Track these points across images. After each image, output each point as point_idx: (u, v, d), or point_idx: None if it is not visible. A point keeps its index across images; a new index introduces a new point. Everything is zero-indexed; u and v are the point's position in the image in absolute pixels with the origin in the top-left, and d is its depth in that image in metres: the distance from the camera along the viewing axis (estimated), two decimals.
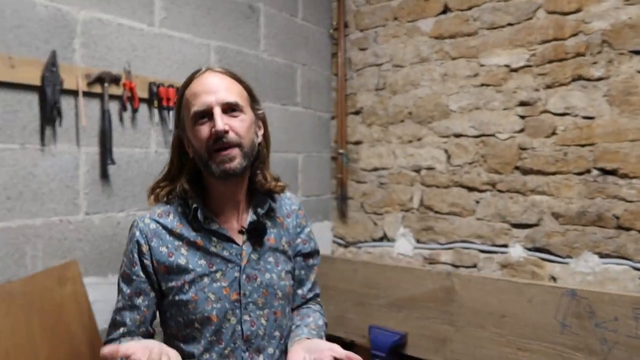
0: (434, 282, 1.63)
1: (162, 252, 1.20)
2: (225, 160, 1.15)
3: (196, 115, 1.16)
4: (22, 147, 1.55)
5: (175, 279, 1.20)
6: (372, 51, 2.70)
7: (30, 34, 1.56)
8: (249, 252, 1.24)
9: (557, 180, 2.11)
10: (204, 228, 1.22)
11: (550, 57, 2.11)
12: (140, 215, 1.25)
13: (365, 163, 2.74)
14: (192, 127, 1.18)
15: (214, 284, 1.20)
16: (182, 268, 1.19)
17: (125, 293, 1.22)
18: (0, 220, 1.51)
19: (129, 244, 1.23)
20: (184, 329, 1.21)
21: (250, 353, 1.22)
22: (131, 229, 1.25)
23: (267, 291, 1.25)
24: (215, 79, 1.19)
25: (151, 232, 1.21)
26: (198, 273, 1.19)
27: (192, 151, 1.21)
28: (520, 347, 1.44)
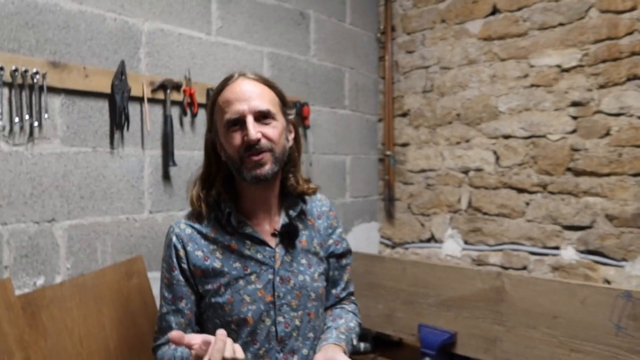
0: (483, 282, 1.64)
1: (198, 256, 1.24)
2: (256, 165, 1.19)
3: (229, 123, 1.19)
4: (94, 150, 1.67)
5: (211, 282, 1.24)
6: (419, 54, 2.72)
7: (101, 46, 1.68)
8: (282, 254, 1.27)
9: (611, 181, 2.07)
10: (237, 232, 1.25)
11: (603, 56, 2.08)
12: (176, 221, 1.30)
13: (412, 165, 2.77)
14: (225, 134, 1.21)
15: (249, 286, 1.23)
16: (218, 271, 1.23)
17: (167, 298, 1.27)
18: (75, 217, 1.63)
19: (166, 250, 1.28)
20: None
21: (285, 354, 1.25)
22: (168, 235, 1.29)
23: (300, 293, 1.27)
24: (248, 86, 1.21)
25: (187, 237, 1.25)
26: (233, 276, 1.23)
27: (225, 155, 1.25)
28: (573, 348, 1.44)
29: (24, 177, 1.51)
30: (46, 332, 1.50)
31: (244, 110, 1.18)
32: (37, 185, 1.54)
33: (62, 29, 1.58)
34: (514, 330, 1.57)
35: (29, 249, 1.53)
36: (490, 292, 1.63)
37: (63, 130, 1.60)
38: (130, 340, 1.69)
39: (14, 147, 1.49)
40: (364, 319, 2.00)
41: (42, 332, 1.49)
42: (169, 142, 1.83)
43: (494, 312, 1.63)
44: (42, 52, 1.54)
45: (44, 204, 1.56)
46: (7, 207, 1.48)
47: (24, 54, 1.50)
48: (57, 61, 1.56)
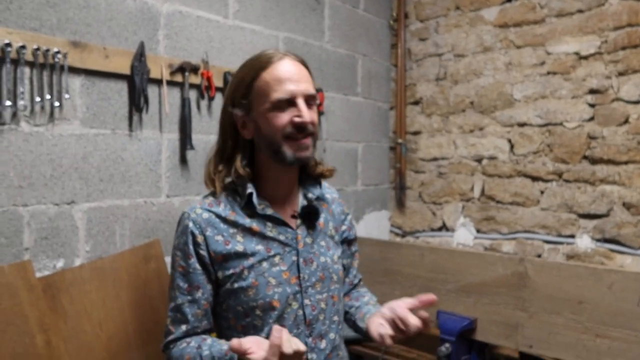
0: (505, 268, 1.63)
1: (218, 241, 1.18)
2: (302, 148, 1.16)
3: (278, 102, 1.14)
4: (113, 132, 1.65)
5: (233, 266, 1.18)
6: (432, 41, 2.70)
7: (120, 26, 1.65)
8: (303, 235, 1.25)
9: (629, 169, 2.07)
10: (257, 214, 1.21)
11: (623, 43, 2.07)
12: (190, 207, 1.23)
13: (424, 153, 2.75)
14: (268, 111, 1.15)
15: (273, 268, 1.19)
16: (241, 254, 1.18)
17: (182, 288, 1.20)
18: (94, 200, 1.61)
19: (181, 237, 1.21)
20: (243, 318, 1.19)
21: (314, 338, 1.22)
22: (181, 222, 1.22)
23: (323, 275, 1.25)
24: (296, 68, 1.18)
25: (205, 222, 1.19)
26: (257, 258, 1.18)
27: (256, 134, 1.19)
28: (599, 333, 1.43)
29: (44, 158, 1.49)
30: (66, 314, 1.48)
31: (295, 91, 1.15)
32: (57, 167, 1.52)
33: (82, 8, 1.55)
34: (537, 316, 1.57)
35: (48, 230, 1.51)
36: (512, 277, 1.62)
37: (83, 112, 1.58)
38: (149, 325, 1.68)
39: (35, 127, 1.47)
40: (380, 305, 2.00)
41: (62, 315, 1.47)
42: (187, 126, 1.81)
43: (516, 298, 1.62)
44: (63, 32, 1.51)
45: (64, 185, 1.54)
46: (27, 188, 1.46)
47: (45, 33, 1.47)
48: (78, 41, 1.53)
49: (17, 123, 1.44)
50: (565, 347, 1.50)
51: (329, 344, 1.25)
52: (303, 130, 1.16)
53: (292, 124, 1.15)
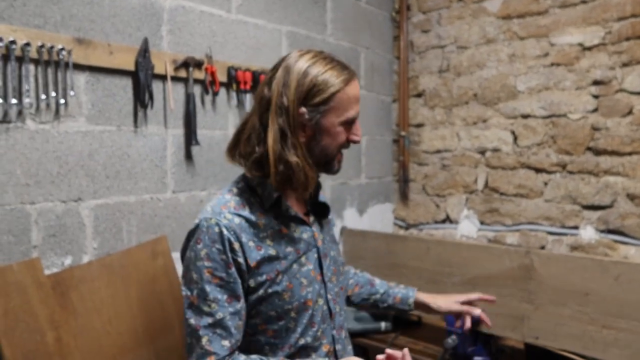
0: (511, 260, 1.64)
1: (251, 247, 1.15)
2: (340, 161, 1.24)
3: (349, 120, 1.18)
4: (118, 128, 1.65)
5: (267, 271, 1.16)
6: (435, 33, 2.69)
7: (124, 22, 1.65)
8: (319, 232, 1.29)
9: (633, 160, 2.07)
10: (282, 215, 1.21)
11: (627, 34, 2.06)
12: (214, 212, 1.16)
13: (427, 145, 2.75)
14: (335, 126, 1.17)
15: (302, 268, 1.20)
16: (273, 258, 1.17)
17: (222, 300, 1.12)
18: (100, 197, 1.62)
19: (212, 246, 1.12)
20: (275, 322, 1.18)
21: (337, 330, 1.28)
22: (210, 228, 1.14)
23: (335, 268, 1.30)
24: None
25: (238, 228, 1.14)
26: (289, 261, 1.19)
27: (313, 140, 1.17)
28: (606, 325, 1.44)
29: (50, 155, 1.49)
30: (76, 311, 1.49)
31: (358, 112, 1.21)
32: (64, 164, 1.52)
33: (86, 4, 1.55)
34: (543, 308, 1.58)
35: (56, 228, 1.52)
36: (518, 270, 1.63)
37: (88, 108, 1.58)
38: (158, 321, 1.69)
39: (41, 125, 1.47)
40: None
41: (72, 312, 1.48)
42: (192, 121, 1.81)
43: (522, 290, 1.63)
44: (67, 29, 1.50)
45: (70, 183, 1.54)
46: (34, 186, 1.46)
47: (49, 30, 1.47)
48: (82, 37, 1.53)
49: (22, 121, 1.43)
50: (571, 339, 1.51)
51: (345, 333, 1.32)
52: (347, 147, 1.23)
53: (348, 141, 1.21)
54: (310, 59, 1.17)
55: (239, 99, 2.00)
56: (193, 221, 1.85)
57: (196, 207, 1.88)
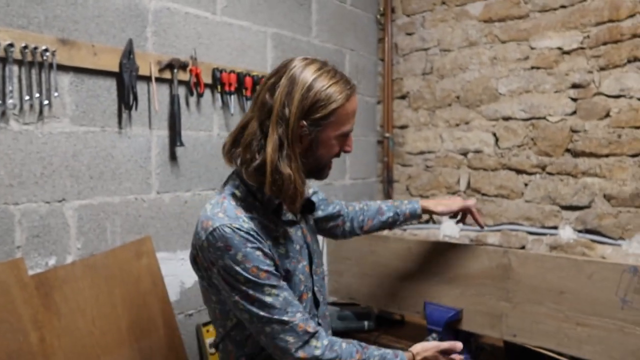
0: (490, 260, 1.68)
1: (272, 248, 1.20)
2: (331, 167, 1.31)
3: (345, 133, 1.23)
4: (102, 129, 1.66)
5: (280, 270, 1.21)
6: (419, 36, 2.73)
7: (108, 23, 1.66)
8: (306, 228, 1.37)
9: (610, 162, 2.12)
10: (281, 219, 1.26)
11: (604, 39, 2.11)
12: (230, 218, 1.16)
13: (411, 147, 2.79)
14: (331, 138, 1.21)
15: (299, 265, 1.27)
16: (283, 257, 1.23)
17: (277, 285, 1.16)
18: (85, 197, 1.62)
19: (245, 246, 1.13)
20: None
21: (322, 319, 1.35)
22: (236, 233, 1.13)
23: (319, 260, 1.40)
24: None
25: (257, 231, 1.17)
26: (292, 259, 1.25)
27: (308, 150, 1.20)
28: (580, 322, 1.48)
29: (34, 156, 1.50)
30: (59, 312, 1.50)
31: (353, 125, 1.27)
32: (48, 165, 1.53)
33: (70, 5, 1.55)
34: (520, 306, 1.61)
35: (40, 229, 1.52)
36: (497, 269, 1.66)
37: (72, 109, 1.58)
38: (141, 321, 1.70)
39: (24, 125, 1.47)
40: (369, 298, 2.04)
41: (55, 312, 1.49)
42: (176, 122, 1.82)
43: (500, 289, 1.66)
44: (50, 29, 1.51)
45: (55, 183, 1.55)
46: (18, 186, 1.47)
47: (33, 30, 1.47)
48: (66, 38, 1.53)
49: (6, 122, 1.44)
50: (547, 336, 1.55)
51: (327, 321, 1.40)
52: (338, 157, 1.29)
53: (339, 152, 1.27)
54: (316, 71, 1.17)
55: (223, 100, 2.02)
56: (178, 221, 1.87)
57: (180, 207, 1.89)
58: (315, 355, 1.16)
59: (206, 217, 1.17)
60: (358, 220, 1.65)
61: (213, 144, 2.00)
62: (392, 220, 1.66)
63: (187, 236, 1.92)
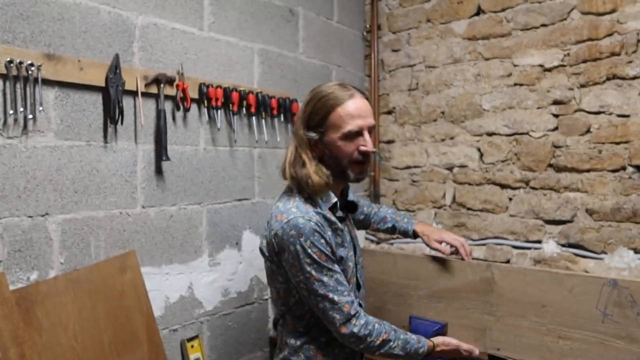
0: (474, 274, 1.69)
1: (331, 238, 1.43)
2: (364, 171, 1.48)
3: (349, 133, 1.40)
4: (87, 144, 1.66)
5: (338, 257, 1.44)
6: (404, 52, 2.77)
7: (95, 39, 1.67)
8: (350, 224, 1.61)
9: (591, 177, 2.16)
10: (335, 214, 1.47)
11: (584, 56, 2.16)
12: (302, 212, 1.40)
13: (397, 161, 2.81)
14: (339, 140, 1.41)
15: (349, 253, 1.50)
16: (340, 246, 1.46)
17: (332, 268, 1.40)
18: (69, 212, 1.62)
19: (313, 235, 1.37)
20: None
21: (361, 299, 1.56)
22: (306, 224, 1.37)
23: (360, 251, 1.62)
24: (364, 104, 1.45)
25: (323, 224, 1.41)
26: (346, 248, 1.49)
27: (325, 154, 1.44)
28: (561, 335, 1.50)
29: (17, 170, 1.49)
30: (41, 327, 1.48)
31: (362, 125, 1.41)
32: (31, 179, 1.52)
33: (56, 20, 1.56)
34: (504, 320, 1.63)
35: (22, 243, 1.51)
36: (480, 283, 1.68)
37: (57, 124, 1.58)
38: (125, 336, 1.69)
39: (8, 139, 1.47)
40: None
41: (36, 328, 1.47)
42: (163, 137, 1.82)
43: (484, 303, 1.68)
44: (36, 44, 1.52)
45: (38, 198, 1.54)
46: (0, 201, 1.46)
47: (18, 45, 1.48)
48: (52, 53, 1.54)
49: None
50: (530, 349, 1.57)
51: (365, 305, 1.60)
52: (367, 157, 1.45)
53: (359, 152, 1.43)
54: (318, 87, 1.47)
55: (210, 115, 2.03)
56: (163, 235, 1.87)
57: (166, 222, 1.89)
58: (353, 331, 1.39)
59: (280, 211, 1.43)
60: (369, 220, 1.90)
61: (199, 158, 2.01)
62: (390, 230, 1.89)
63: (173, 250, 1.91)
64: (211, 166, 2.05)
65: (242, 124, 2.17)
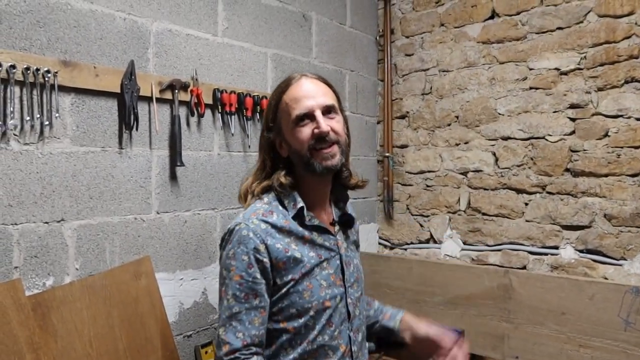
0: (491, 280, 1.67)
1: (279, 249, 1.25)
2: (327, 157, 1.25)
3: (298, 118, 1.25)
4: (102, 150, 1.67)
5: (292, 271, 1.25)
6: (418, 57, 2.75)
7: (110, 45, 1.68)
8: (342, 240, 1.37)
9: (609, 182, 2.12)
10: (305, 224, 1.30)
11: (601, 60, 2.13)
12: (243, 218, 1.26)
13: (411, 166, 2.79)
14: (292, 129, 1.27)
15: (323, 271, 1.30)
16: (298, 260, 1.26)
17: (239, 297, 1.22)
18: (84, 217, 1.62)
19: (238, 247, 1.23)
20: (296, 319, 1.26)
21: (354, 332, 1.35)
22: (236, 232, 1.25)
23: (358, 275, 1.40)
24: (312, 84, 1.30)
25: (263, 232, 1.24)
26: (311, 263, 1.28)
27: (289, 151, 1.30)
28: (582, 344, 1.47)
29: (34, 176, 1.50)
30: (56, 333, 1.48)
31: (312, 105, 1.25)
32: (47, 185, 1.53)
33: (72, 27, 1.57)
34: (522, 327, 1.60)
35: (38, 249, 1.52)
36: (497, 289, 1.65)
37: (73, 130, 1.59)
38: (139, 342, 1.68)
39: (25, 146, 1.48)
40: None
41: (52, 334, 1.47)
42: (177, 142, 1.83)
43: (502, 310, 1.65)
44: (53, 51, 1.53)
45: (54, 203, 1.55)
46: (17, 207, 1.47)
47: (35, 52, 1.49)
48: (68, 60, 1.55)
49: (6, 142, 1.44)
50: (549, 358, 1.54)
51: (362, 336, 1.39)
52: (324, 140, 1.25)
53: (313, 136, 1.25)
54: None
55: (224, 120, 2.03)
56: (177, 241, 1.87)
57: (180, 227, 1.89)
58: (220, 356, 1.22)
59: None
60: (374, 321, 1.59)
61: (213, 163, 2.01)
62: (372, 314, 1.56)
63: (187, 256, 1.91)
64: (225, 171, 2.05)
65: (256, 129, 2.17)
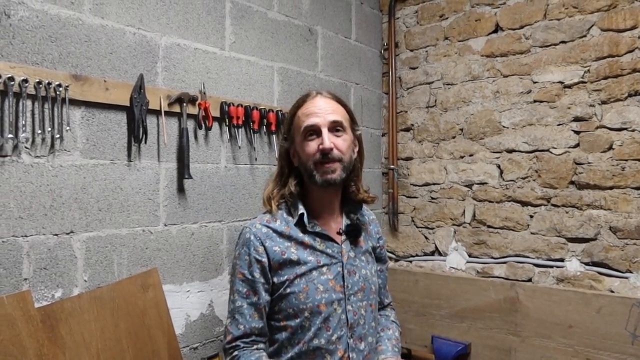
0: (497, 293, 1.67)
1: (276, 251, 1.37)
2: (327, 171, 1.36)
3: (306, 131, 1.37)
4: (112, 162, 1.68)
5: (288, 272, 1.36)
6: (422, 70, 2.78)
7: (120, 59, 1.70)
8: (347, 250, 1.43)
9: (614, 194, 2.13)
10: (308, 230, 1.39)
11: (605, 73, 2.15)
12: (250, 223, 1.42)
13: (416, 178, 2.80)
14: (302, 142, 1.39)
15: (321, 276, 1.37)
16: (294, 262, 1.36)
17: (242, 292, 1.37)
18: (93, 230, 1.63)
19: (242, 248, 1.39)
20: (292, 319, 1.35)
21: (354, 340, 1.38)
22: (243, 235, 1.41)
23: (364, 285, 1.44)
24: (324, 101, 1.41)
25: (263, 235, 1.38)
26: (308, 267, 1.36)
27: (298, 161, 1.42)
28: (590, 357, 1.46)
29: (44, 189, 1.52)
30: (65, 345, 1.49)
31: (319, 122, 1.37)
32: (57, 197, 1.55)
33: (83, 42, 1.60)
34: (529, 340, 1.60)
35: (47, 261, 1.53)
36: (504, 302, 1.66)
37: (83, 143, 1.61)
38: (146, 354, 1.68)
39: (36, 158, 1.50)
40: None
41: (60, 346, 1.48)
42: (185, 155, 1.84)
43: (508, 323, 1.65)
44: (64, 65, 1.55)
45: (63, 216, 1.56)
46: (27, 219, 1.48)
47: (47, 67, 1.51)
48: (79, 74, 1.57)
49: (18, 155, 1.46)
50: None
51: (368, 346, 1.41)
52: (325, 156, 1.35)
53: (319, 150, 1.35)
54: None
55: (231, 133, 2.05)
56: (184, 253, 1.88)
57: (187, 239, 1.90)
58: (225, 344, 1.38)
59: None
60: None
61: (220, 176, 2.02)
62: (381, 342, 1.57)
63: (194, 268, 1.92)
64: (232, 184, 2.07)
65: (263, 142, 2.19)
